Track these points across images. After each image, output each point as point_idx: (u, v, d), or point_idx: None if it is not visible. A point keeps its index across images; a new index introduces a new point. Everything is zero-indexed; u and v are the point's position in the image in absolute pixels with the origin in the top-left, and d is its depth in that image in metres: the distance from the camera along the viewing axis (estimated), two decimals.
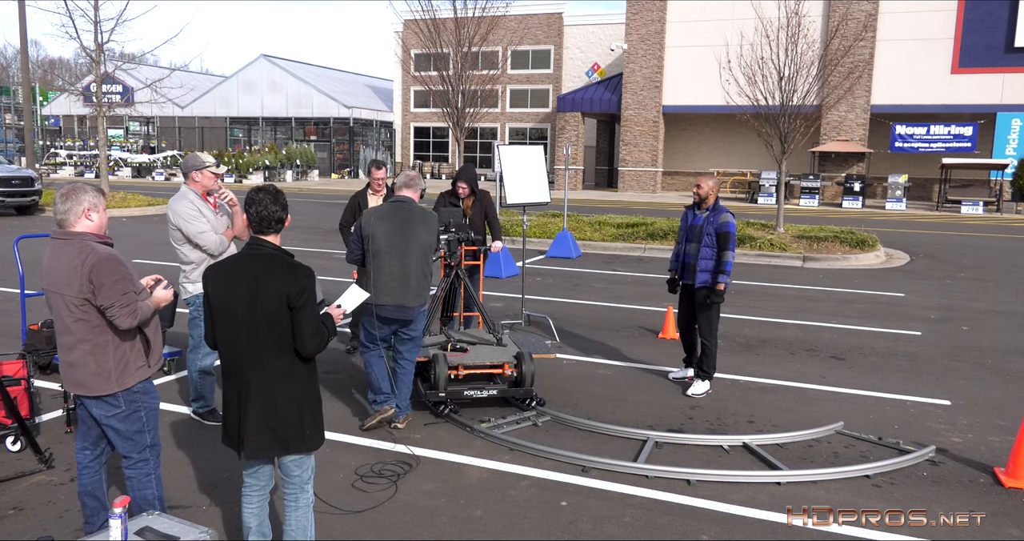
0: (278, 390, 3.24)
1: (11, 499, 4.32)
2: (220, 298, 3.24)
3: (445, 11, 22.34)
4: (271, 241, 3.30)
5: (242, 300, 3.19)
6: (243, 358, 3.24)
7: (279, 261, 3.24)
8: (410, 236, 5.23)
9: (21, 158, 37.54)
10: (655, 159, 33.85)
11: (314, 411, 3.35)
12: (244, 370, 3.25)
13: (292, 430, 3.27)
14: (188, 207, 5.22)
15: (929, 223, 23.07)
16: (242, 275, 3.22)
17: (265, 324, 3.18)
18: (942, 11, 28.96)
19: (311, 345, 3.21)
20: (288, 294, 3.15)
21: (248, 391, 3.24)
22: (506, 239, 15.04)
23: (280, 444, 3.27)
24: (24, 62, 24.29)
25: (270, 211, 3.26)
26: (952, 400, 6.40)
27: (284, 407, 3.25)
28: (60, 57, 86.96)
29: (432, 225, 5.39)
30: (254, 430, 3.24)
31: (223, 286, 3.24)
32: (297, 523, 3.42)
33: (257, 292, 3.17)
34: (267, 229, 3.29)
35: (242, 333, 3.21)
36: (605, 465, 4.87)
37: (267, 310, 3.16)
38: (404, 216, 5.27)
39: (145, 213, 21.61)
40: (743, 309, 9.90)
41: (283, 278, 3.18)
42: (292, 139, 45.17)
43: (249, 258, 3.26)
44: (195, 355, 5.49)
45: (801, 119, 16.66)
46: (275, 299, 3.15)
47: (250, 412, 3.24)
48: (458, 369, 5.82)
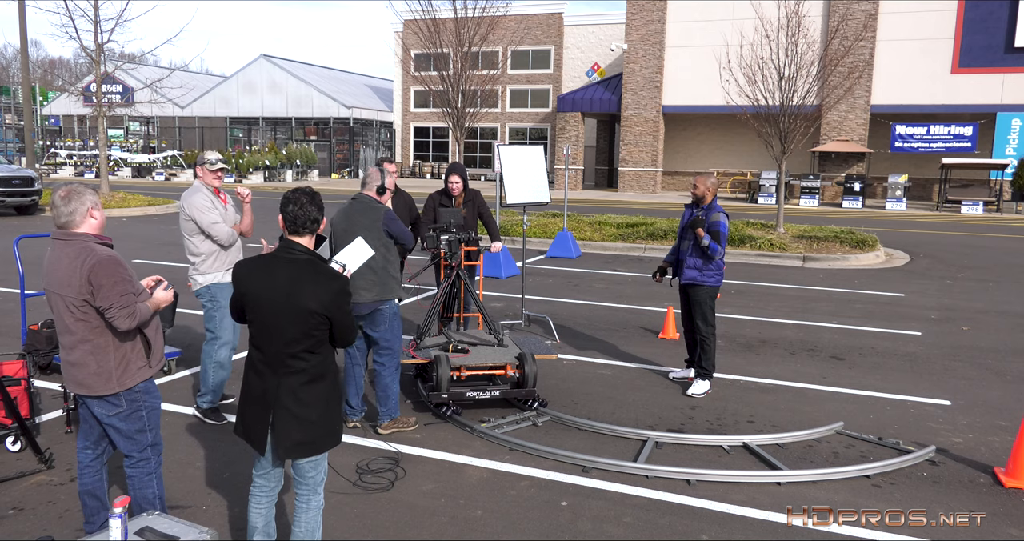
0: (309, 390, 3.25)
1: (11, 499, 4.32)
2: (253, 297, 3.24)
3: (445, 11, 22.36)
4: (304, 244, 3.30)
5: (277, 301, 3.19)
6: (275, 358, 3.24)
7: (316, 268, 3.25)
8: (352, 231, 5.21)
9: (21, 158, 37.53)
10: (655, 159, 33.85)
11: (337, 409, 3.40)
12: (275, 370, 3.24)
13: (321, 429, 3.28)
14: (202, 199, 5.43)
15: (929, 223, 23.07)
16: (277, 277, 3.22)
17: (298, 327, 3.18)
18: (942, 11, 28.96)
19: (348, 342, 3.34)
20: (328, 306, 3.19)
21: (279, 391, 3.24)
22: (506, 239, 15.05)
23: (312, 444, 3.28)
24: (24, 62, 24.30)
25: (307, 211, 3.26)
26: (952, 400, 6.41)
27: (315, 407, 3.26)
28: (60, 57, 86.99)
29: (374, 219, 5.30)
30: (285, 430, 3.23)
31: (257, 286, 3.24)
32: (307, 525, 3.40)
33: (294, 297, 3.17)
34: (302, 229, 3.28)
35: (275, 334, 3.21)
36: (605, 465, 4.87)
37: (302, 314, 3.17)
38: (351, 211, 5.35)
39: (145, 213, 21.61)
40: (743, 309, 9.90)
41: (321, 288, 3.19)
42: (292, 139, 45.17)
43: (286, 262, 3.25)
44: (211, 347, 5.55)
45: (801, 119, 16.66)
46: (312, 306, 3.17)
47: (280, 413, 3.23)
48: (460, 370, 5.81)
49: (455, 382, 5.80)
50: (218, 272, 5.48)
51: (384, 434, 5.38)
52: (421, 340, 6.21)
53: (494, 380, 5.98)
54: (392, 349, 5.45)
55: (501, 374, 5.91)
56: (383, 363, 5.43)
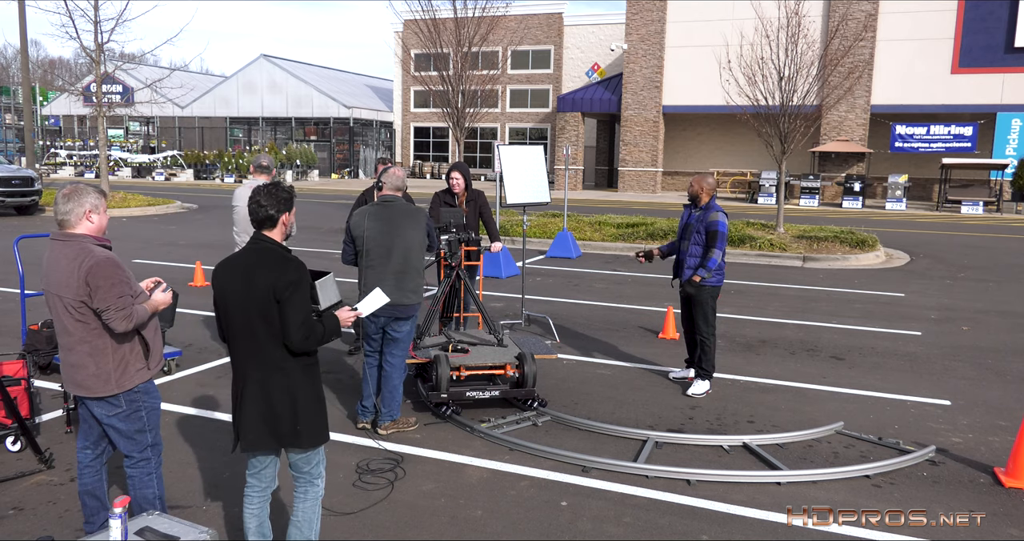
0: (272, 383, 3.26)
1: (11, 499, 4.32)
2: (221, 292, 3.30)
3: (445, 11, 22.34)
4: (271, 236, 3.34)
5: (237, 293, 3.24)
6: (241, 351, 3.28)
7: (272, 254, 3.28)
8: (396, 234, 5.25)
9: (21, 158, 37.50)
10: (655, 159, 33.85)
11: (311, 407, 3.34)
12: (243, 363, 3.29)
13: (286, 424, 3.28)
14: (244, 192, 6.70)
15: (929, 223, 23.07)
16: (238, 269, 3.27)
17: (258, 317, 3.21)
18: (942, 11, 28.96)
19: (296, 338, 3.20)
20: (275, 286, 3.18)
21: (245, 384, 3.28)
22: (506, 239, 15.05)
23: (273, 437, 3.29)
24: (24, 62, 24.30)
25: (260, 208, 3.30)
26: (952, 400, 6.40)
27: (278, 401, 3.26)
28: (60, 57, 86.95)
29: (420, 222, 5.36)
30: (249, 423, 3.27)
31: (222, 281, 3.31)
32: (304, 515, 3.43)
33: (249, 285, 3.21)
34: (261, 225, 3.33)
35: (239, 326, 3.25)
36: (605, 465, 4.87)
37: (258, 303, 3.20)
38: (391, 214, 5.30)
39: (145, 213, 21.61)
40: (743, 309, 9.90)
41: (272, 271, 3.21)
42: (292, 139, 45.16)
43: (246, 252, 3.32)
44: None
45: (801, 119, 16.66)
46: (264, 291, 3.19)
47: (246, 404, 3.27)
48: (460, 370, 5.81)
49: (455, 382, 5.80)
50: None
51: (384, 434, 5.38)
52: (421, 340, 6.22)
53: (494, 380, 5.98)
54: (407, 350, 5.51)
55: (501, 374, 5.91)
56: (394, 364, 5.42)
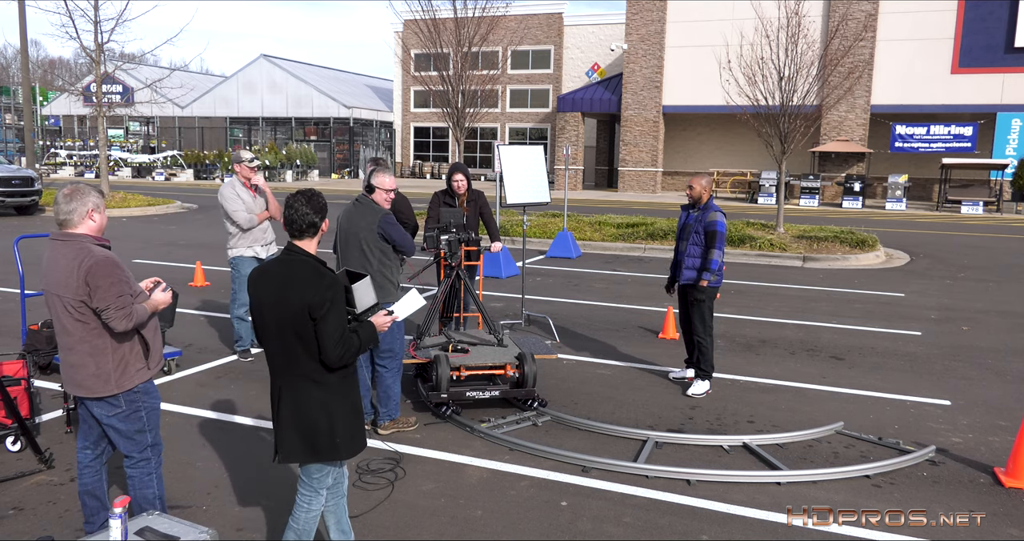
0: (307, 396, 3.21)
1: (11, 499, 4.32)
2: (257, 303, 3.25)
3: (445, 11, 22.36)
4: (304, 247, 3.26)
5: (271, 305, 3.18)
6: (276, 362, 3.24)
7: (307, 268, 3.18)
8: (353, 232, 5.23)
9: (21, 158, 37.53)
10: (655, 159, 33.84)
11: (348, 419, 3.29)
12: (278, 374, 3.25)
13: (322, 437, 3.22)
14: (228, 191, 6.82)
15: (929, 223, 23.06)
16: (273, 280, 3.20)
17: (291, 330, 3.15)
18: (942, 11, 28.95)
19: (333, 356, 3.13)
20: (310, 304, 3.10)
21: (280, 395, 3.24)
22: (506, 239, 15.05)
23: (312, 451, 3.24)
24: (24, 62, 24.30)
25: (300, 214, 3.22)
26: (952, 400, 6.40)
27: (313, 413, 3.21)
28: (60, 57, 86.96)
29: (371, 218, 5.25)
30: (285, 435, 3.24)
31: (258, 291, 3.24)
32: (304, 525, 3.38)
33: (283, 298, 3.15)
34: (298, 234, 3.25)
35: (273, 337, 3.21)
36: (605, 465, 4.87)
37: (291, 317, 3.13)
38: (352, 212, 5.33)
39: (145, 213, 21.60)
40: (743, 309, 9.90)
41: (307, 287, 3.12)
42: (292, 139, 45.15)
43: (281, 263, 3.23)
44: (232, 305, 7.14)
45: (801, 119, 16.66)
46: (298, 306, 3.11)
47: (282, 416, 3.24)
48: (460, 370, 5.81)
49: (455, 382, 5.80)
50: (242, 248, 6.90)
51: (384, 434, 5.38)
52: (421, 340, 6.21)
53: (494, 380, 5.97)
54: (393, 351, 5.44)
55: (501, 374, 5.91)
56: (385, 365, 5.42)
